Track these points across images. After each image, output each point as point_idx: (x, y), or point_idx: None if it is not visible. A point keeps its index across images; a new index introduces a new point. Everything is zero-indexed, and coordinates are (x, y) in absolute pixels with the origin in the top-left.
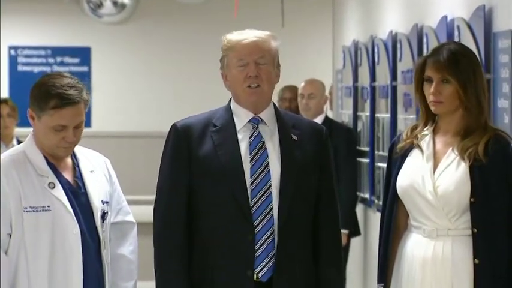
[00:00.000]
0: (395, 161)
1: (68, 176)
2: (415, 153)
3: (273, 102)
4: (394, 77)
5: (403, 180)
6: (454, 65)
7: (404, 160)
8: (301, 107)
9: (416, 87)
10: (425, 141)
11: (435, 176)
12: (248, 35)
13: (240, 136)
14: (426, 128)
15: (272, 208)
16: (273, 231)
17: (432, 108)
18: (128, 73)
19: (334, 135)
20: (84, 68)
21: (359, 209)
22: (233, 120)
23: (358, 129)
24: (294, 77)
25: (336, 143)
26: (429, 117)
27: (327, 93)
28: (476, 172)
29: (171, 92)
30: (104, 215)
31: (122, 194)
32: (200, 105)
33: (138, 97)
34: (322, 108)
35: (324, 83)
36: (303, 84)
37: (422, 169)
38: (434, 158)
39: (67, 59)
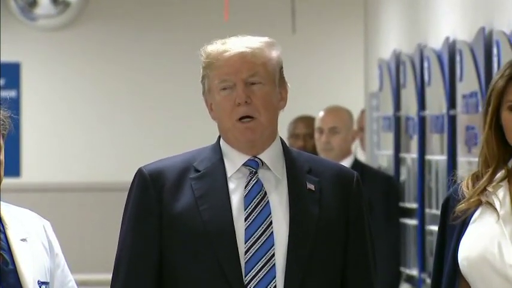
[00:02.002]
0: (453, 227)
1: None
2: (484, 214)
3: (280, 138)
4: (451, 103)
5: (470, 250)
6: None
7: (467, 225)
8: (319, 147)
9: (490, 119)
10: (499, 196)
11: None
12: (233, 44)
13: (231, 185)
14: (496, 178)
15: (276, 287)
16: None
17: None
18: (73, 100)
19: (367, 187)
20: (12, 93)
21: None
22: (223, 163)
23: (402, 177)
24: (310, 105)
25: (370, 197)
26: (500, 162)
27: (355, 126)
28: None
29: (135, 127)
30: None
31: (68, 271)
32: (177, 147)
33: (88, 134)
34: (350, 148)
35: (352, 113)
36: (322, 114)
37: (498, 235)
38: None
39: None
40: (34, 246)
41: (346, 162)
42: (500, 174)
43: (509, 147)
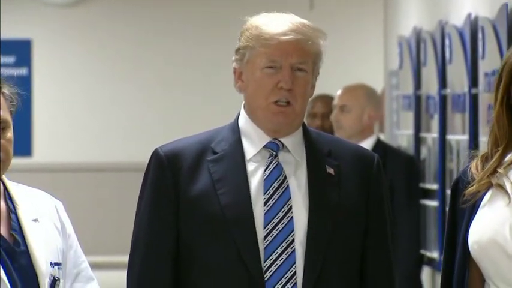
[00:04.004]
0: (463, 210)
1: (1, 227)
2: (494, 197)
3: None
4: (473, 81)
5: (481, 234)
6: None
7: (477, 208)
8: (333, 125)
9: (502, 96)
10: (510, 178)
11: None
12: (287, 26)
13: (250, 167)
14: (506, 160)
15: (295, 273)
16: None
17: None
18: (85, 78)
19: (389, 167)
20: (23, 71)
21: (425, 273)
22: (241, 144)
23: (422, 157)
24: (328, 84)
25: (392, 178)
26: (510, 142)
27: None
28: None
29: (149, 105)
30: (54, 283)
31: (81, 252)
32: (191, 126)
33: (101, 113)
34: (364, 128)
35: (373, 91)
36: (338, 93)
37: (510, 218)
38: None
39: None
40: (46, 227)
41: (369, 142)
42: (510, 156)
43: None
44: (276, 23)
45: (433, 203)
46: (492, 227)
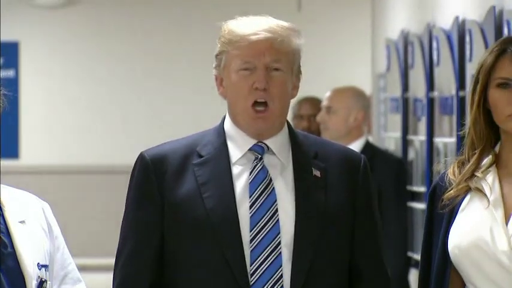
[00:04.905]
0: (441, 216)
1: None
2: (473, 201)
3: (288, 122)
4: (461, 84)
5: (461, 238)
6: None
7: (456, 213)
8: (320, 126)
9: (478, 98)
10: (488, 181)
11: (509, 229)
12: (258, 26)
13: (235, 171)
14: (484, 163)
15: (282, 277)
16: None
17: (509, 126)
18: (73, 80)
19: (377, 170)
20: (10, 72)
21: (412, 276)
22: (226, 147)
23: (409, 159)
24: (315, 86)
25: (380, 180)
26: (487, 146)
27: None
28: None
29: (139, 109)
30: (41, 285)
31: (68, 254)
32: (180, 128)
33: (88, 115)
34: (351, 130)
35: (362, 93)
36: (326, 94)
37: (490, 220)
38: (504, 204)
39: None
40: (33, 229)
41: (357, 144)
42: (487, 160)
43: (495, 129)
44: (247, 25)
45: (420, 206)
46: (473, 230)
